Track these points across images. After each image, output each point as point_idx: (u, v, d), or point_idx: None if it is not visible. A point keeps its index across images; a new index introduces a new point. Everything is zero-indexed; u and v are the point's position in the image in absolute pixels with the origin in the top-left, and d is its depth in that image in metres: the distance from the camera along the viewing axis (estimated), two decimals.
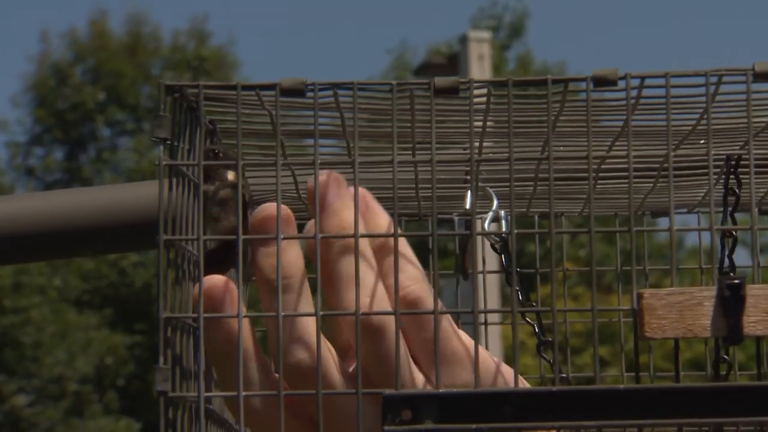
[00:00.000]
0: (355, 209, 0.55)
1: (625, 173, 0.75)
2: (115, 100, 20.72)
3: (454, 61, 11.71)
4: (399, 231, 0.55)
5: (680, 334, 0.52)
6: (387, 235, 0.58)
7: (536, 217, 0.83)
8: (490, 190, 0.69)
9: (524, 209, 0.82)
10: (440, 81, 0.54)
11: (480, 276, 0.84)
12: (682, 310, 0.52)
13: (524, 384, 0.58)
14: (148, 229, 0.86)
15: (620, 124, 0.64)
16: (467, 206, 0.70)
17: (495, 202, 0.67)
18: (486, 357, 0.59)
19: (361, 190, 0.58)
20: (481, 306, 0.77)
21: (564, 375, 0.63)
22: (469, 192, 0.73)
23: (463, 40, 11.24)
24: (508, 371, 0.59)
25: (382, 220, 0.59)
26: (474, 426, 0.52)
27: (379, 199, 0.80)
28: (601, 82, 0.54)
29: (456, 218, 0.81)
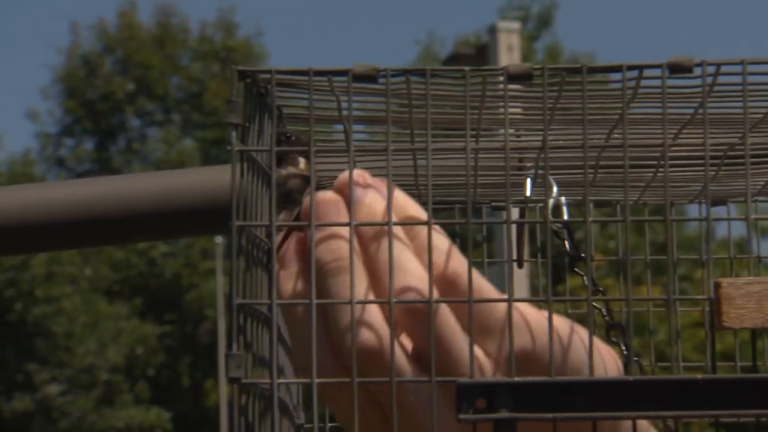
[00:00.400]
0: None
1: (689, 161, 0.74)
2: (144, 91, 20.80)
3: (482, 52, 11.67)
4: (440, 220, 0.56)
5: (759, 324, 0.51)
6: (420, 223, 0.58)
7: (591, 205, 0.83)
8: (550, 178, 0.68)
9: (580, 197, 0.81)
10: (514, 67, 0.54)
11: (510, 265, 0.84)
12: (760, 300, 0.51)
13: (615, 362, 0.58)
14: (212, 214, 0.86)
15: (684, 111, 0.64)
16: (527, 193, 0.69)
17: (555, 189, 0.66)
18: (538, 319, 0.58)
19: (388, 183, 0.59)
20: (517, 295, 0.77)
21: (636, 359, 0.63)
22: (528, 179, 0.72)
23: (492, 30, 11.21)
24: (563, 328, 0.58)
25: (412, 209, 0.59)
26: (550, 415, 0.52)
27: (442, 186, 0.80)
28: (677, 69, 0.54)
29: (484, 208, 0.81)
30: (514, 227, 0.81)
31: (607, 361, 0.59)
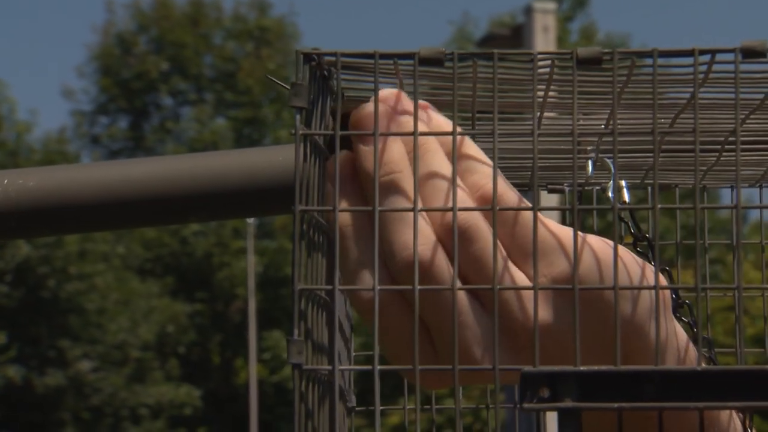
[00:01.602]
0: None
1: (751, 146, 0.73)
2: (178, 70, 20.85)
3: (518, 33, 11.62)
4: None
5: None
6: (447, 134, 0.58)
7: (650, 189, 0.82)
8: (608, 161, 0.68)
9: (638, 180, 0.80)
10: (583, 51, 0.53)
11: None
12: None
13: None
14: (266, 195, 0.85)
15: (751, 97, 0.63)
16: (589, 171, 0.69)
17: (613, 173, 0.65)
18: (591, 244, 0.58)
19: (423, 103, 0.59)
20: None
21: (706, 337, 0.62)
22: (590, 162, 0.71)
23: (528, 11, 11.15)
24: (606, 255, 0.58)
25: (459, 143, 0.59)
26: (615, 405, 0.51)
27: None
28: (750, 53, 0.53)
29: (566, 188, 0.80)
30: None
31: (646, 273, 0.60)
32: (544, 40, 10.66)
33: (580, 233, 0.58)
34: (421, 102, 0.58)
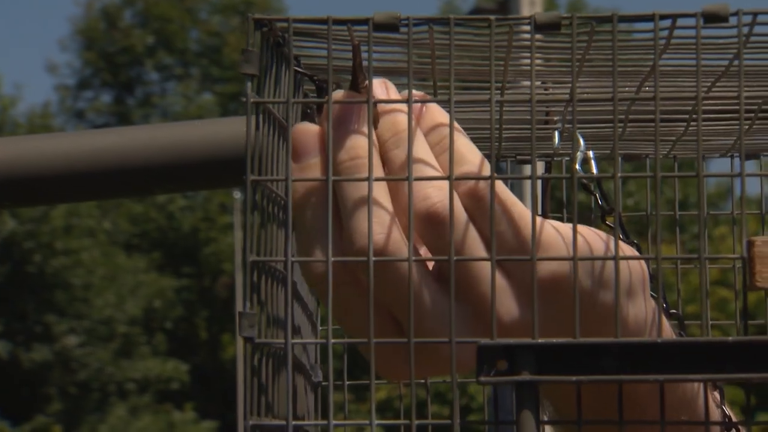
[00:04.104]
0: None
1: (721, 115, 0.72)
2: (164, 45, 20.76)
3: (504, 7, 11.57)
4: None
5: None
6: (402, 101, 0.56)
7: (620, 159, 0.81)
8: (577, 132, 0.66)
9: (608, 151, 0.79)
10: (542, 16, 0.52)
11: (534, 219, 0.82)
12: None
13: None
14: (226, 167, 0.84)
15: (717, 63, 0.61)
16: (555, 143, 0.67)
17: (582, 144, 0.64)
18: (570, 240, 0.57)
19: (418, 93, 0.57)
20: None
21: (675, 311, 0.61)
22: (556, 133, 0.70)
23: None
24: (594, 242, 0.57)
25: (438, 118, 0.57)
26: (574, 378, 0.50)
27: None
28: (712, 18, 0.51)
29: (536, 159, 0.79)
30: (539, 182, 0.79)
31: (632, 267, 0.58)
32: (531, 13, 10.59)
33: (567, 225, 0.56)
34: (415, 92, 0.56)
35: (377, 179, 0.53)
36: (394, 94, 0.57)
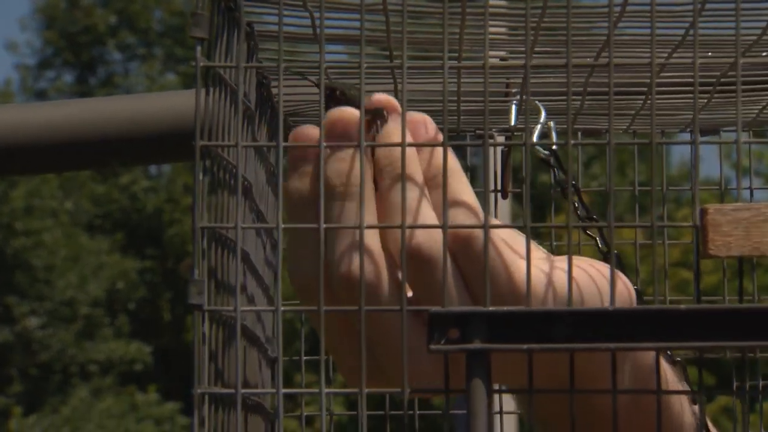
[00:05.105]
0: (403, 118, 0.52)
1: (680, 88, 0.72)
2: (126, 24, 20.59)
3: None
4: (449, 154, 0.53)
5: (746, 252, 0.49)
6: (435, 145, 0.55)
7: (579, 134, 0.80)
8: (538, 103, 0.66)
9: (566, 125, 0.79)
10: None
11: (487, 194, 0.82)
12: (748, 227, 0.49)
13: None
14: (185, 140, 0.83)
15: (677, 32, 0.61)
16: (512, 120, 0.67)
17: (543, 115, 0.64)
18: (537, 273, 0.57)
19: (424, 117, 0.56)
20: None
21: (636, 287, 0.61)
22: (513, 105, 0.69)
23: None
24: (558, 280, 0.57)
25: (440, 155, 0.56)
26: (525, 346, 0.50)
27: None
28: None
29: (495, 134, 0.78)
30: (499, 157, 0.78)
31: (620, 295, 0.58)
32: None
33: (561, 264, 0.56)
34: (420, 117, 0.56)
35: (368, 227, 0.53)
36: (397, 117, 0.56)
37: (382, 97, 0.55)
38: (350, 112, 0.54)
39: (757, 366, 0.89)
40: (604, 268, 0.59)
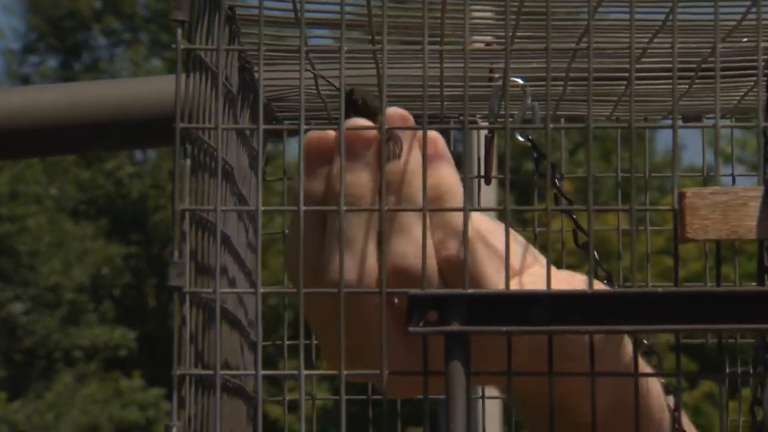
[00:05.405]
0: (382, 102, 0.52)
1: (659, 74, 0.72)
2: (111, 9, 20.51)
3: None
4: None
5: (724, 236, 0.49)
6: (416, 128, 0.55)
7: (563, 120, 0.80)
8: (527, 87, 0.66)
9: (551, 111, 0.79)
10: None
11: (468, 179, 0.82)
12: (726, 211, 0.49)
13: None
14: (167, 124, 0.84)
15: (657, 17, 0.61)
16: (493, 105, 0.67)
17: (529, 99, 0.64)
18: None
19: (435, 135, 0.57)
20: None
21: (606, 270, 0.61)
22: (497, 90, 0.69)
23: None
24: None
25: (446, 171, 0.57)
26: (504, 328, 0.50)
27: (409, 98, 0.77)
28: None
29: (478, 120, 0.78)
30: (483, 143, 0.78)
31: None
32: None
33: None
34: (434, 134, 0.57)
35: (347, 209, 0.53)
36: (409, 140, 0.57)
37: (396, 115, 0.56)
38: (364, 126, 0.55)
39: (738, 352, 0.89)
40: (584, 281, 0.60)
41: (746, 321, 0.49)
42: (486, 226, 0.58)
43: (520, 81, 0.65)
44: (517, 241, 0.61)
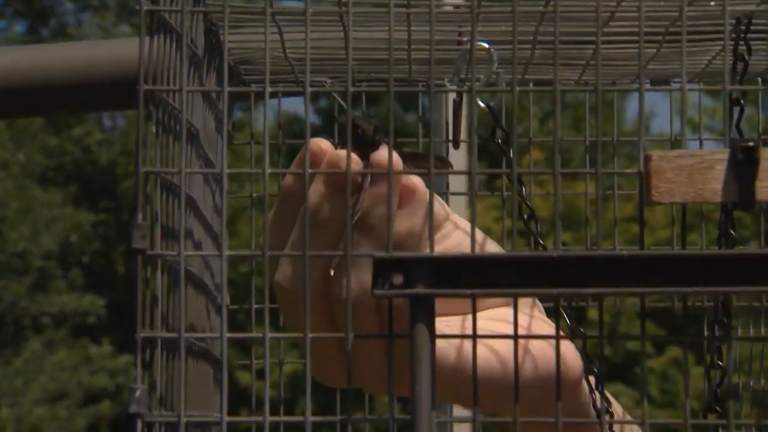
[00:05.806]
0: (348, 56, 0.52)
1: (627, 38, 0.72)
2: None
3: None
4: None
5: (689, 199, 0.49)
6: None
7: (531, 84, 0.80)
8: (493, 51, 0.65)
9: (518, 76, 0.79)
10: None
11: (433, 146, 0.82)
12: (691, 174, 0.49)
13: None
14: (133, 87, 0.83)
15: None
16: (461, 69, 0.66)
17: (495, 64, 0.63)
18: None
19: (415, 183, 0.59)
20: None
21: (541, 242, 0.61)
22: (463, 53, 0.69)
23: None
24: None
25: (417, 220, 0.59)
26: (468, 291, 0.50)
27: (371, 61, 0.76)
28: None
29: (447, 83, 0.78)
30: (451, 109, 0.78)
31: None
32: None
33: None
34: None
35: (315, 171, 0.53)
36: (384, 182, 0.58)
37: (380, 159, 0.58)
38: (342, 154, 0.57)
39: (704, 316, 0.90)
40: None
41: (711, 284, 0.49)
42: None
43: (485, 45, 0.65)
44: (440, 202, 0.62)
